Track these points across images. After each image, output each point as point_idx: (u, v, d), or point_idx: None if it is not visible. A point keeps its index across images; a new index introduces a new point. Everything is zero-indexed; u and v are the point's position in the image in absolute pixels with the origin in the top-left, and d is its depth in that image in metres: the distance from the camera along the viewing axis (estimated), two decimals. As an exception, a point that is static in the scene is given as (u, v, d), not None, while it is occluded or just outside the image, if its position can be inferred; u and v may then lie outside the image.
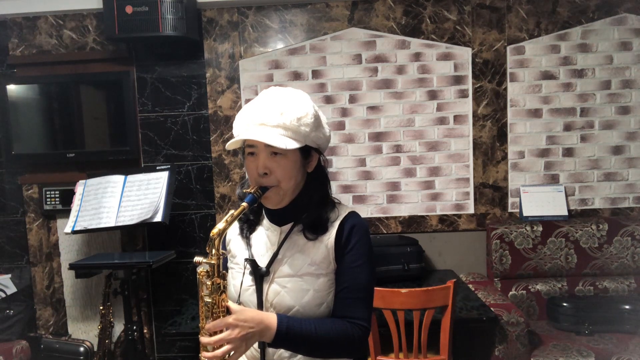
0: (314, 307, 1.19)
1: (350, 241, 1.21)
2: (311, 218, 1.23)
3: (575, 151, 2.97)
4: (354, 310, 1.20)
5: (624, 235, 2.78)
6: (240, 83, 2.98)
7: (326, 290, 1.21)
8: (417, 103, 2.97)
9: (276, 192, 1.19)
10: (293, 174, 1.19)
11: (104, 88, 2.97)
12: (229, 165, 3.01)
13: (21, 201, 3.04)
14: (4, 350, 2.64)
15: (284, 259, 1.23)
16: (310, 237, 1.22)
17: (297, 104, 1.17)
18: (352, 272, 1.21)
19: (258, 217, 1.32)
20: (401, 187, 3.02)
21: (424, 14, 2.92)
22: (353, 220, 1.24)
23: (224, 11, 2.95)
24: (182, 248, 3.00)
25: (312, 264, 1.21)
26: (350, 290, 1.20)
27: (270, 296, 1.21)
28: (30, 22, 2.97)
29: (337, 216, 1.25)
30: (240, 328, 1.07)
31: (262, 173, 1.17)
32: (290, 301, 1.19)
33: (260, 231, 1.30)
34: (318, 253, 1.21)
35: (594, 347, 2.34)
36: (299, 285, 1.20)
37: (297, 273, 1.21)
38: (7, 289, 2.91)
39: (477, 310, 2.29)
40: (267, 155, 1.17)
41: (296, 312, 1.19)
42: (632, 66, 2.92)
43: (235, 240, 1.33)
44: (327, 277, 1.21)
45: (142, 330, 2.63)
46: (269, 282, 1.22)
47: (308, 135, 1.18)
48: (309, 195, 1.24)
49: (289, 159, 1.18)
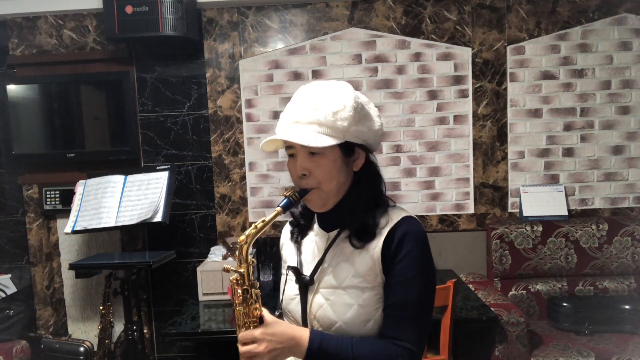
0: (358, 323, 1.08)
1: (400, 251, 1.07)
2: (357, 223, 1.11)
3: (575, 151, 2.97)
4: (401, 331, 1.06)
5: (624, 235, 2.78)
6: (240, 83, 2.98)
7: (373, 305, 1.09)
8: (417, 103, 2.97)
9: (318, 194, 1.10)
10: (334, 175, 1.09)
11: (104, 88, 2.97)
12: (229, 165, 3.01)
13: (21, 201, 3.04)
14: (4, 350, 2.64)
15: (329, 268, 1.13)
16: (357, 244, 1.10)
17: (334, 97, 1.06)
18: (401, 286, 1.07)
19: (309, 221, 1.24)
20: (401, 187, 3.02)
21: (424, 14, 2.92)
22: (406, 226, 1.09)
23: (224, 11, 2.95)
24: (182, 248, 3.00)
25: (357, 276, 1.09)
26: (398, 308, 1.07)
27: (314, 308, 1.12)
28: (30, 22, 2.97)
29: (388, 221, 1.11)
30: (267, 343, 1.01)
31: (301, 175, 1.09)
32: (333, 316, 1.09)
33: (311, 237, 1.22)
34: (363, 263, 1.09)
35: (594, 347, 2.34)
36: (342, 299, 1.09)
37: (340, 285, 1.10)
38: (7, 289, 2.91)
39: (477, 310, 2.29)
40: (305, 155, 1.08)
41: (339, 328, 1.08)
42: (632, 66, 2.92)
43: (287, 246, 1.27)
44: (374, 290, 1.09)
45: (142, 330, 2.63)
46: (314, 292, 1.13)
47: (347, 130, 1.06)
48: (356, 197, 1.13)
49: (329, 159, 1.07)
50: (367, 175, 1.16)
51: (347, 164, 1.12)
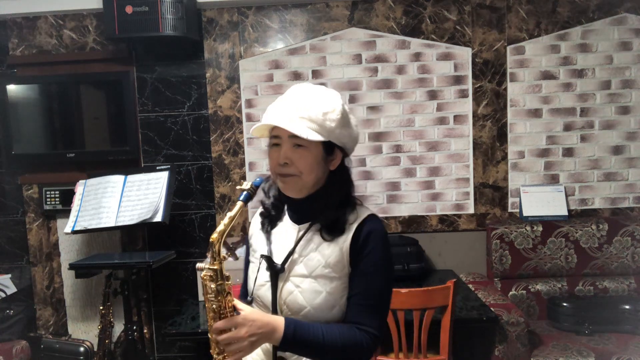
0: (325, 309, 1.19)
1: (366, 246, 1.19)
2: (329, 218, 1.21)
3: (575, 151, 2.97)
4: (365, 317, 1.18)
5: (624, 235, 2.78)
6: (240, 83, 2.98)
7: (339, 293, 1.20)
8: (417, 103, 2.97)
9: (297, 181, 1.20)
10: (314, 168, 1.19)
11: (104, 88, 2.97)
12: (229, 165, 3.01)
13: (21, 201, 3.04)
14: (4, 350, 2.64)
15: (299, 258, 1.22)
16: (327, 237, 1.21)
17: (325, 100, 1.19)
18: (365, 278, 1.19)
19: (280, 212, 1.32)
20: (401, 187, 3.02)
21: (424, 14, 2.92)
22: (371, 224, 1.22)
23: (224, 11, 2.95)
24: (182, 248, 3.00)
25: (327, 267, 1.19)
26: (363, 297, 1.18)
27: (284, 294, 1.21)
28: (30, 22, 2.96)
29: (356, 218, 1.23)
30: (248, 327, 1.08)
31: (283, 163, 1.18)
32: (303, 301, 1.19)
33: (281, 227, 1.30)
34: (333, 255, 1.20)
35: (594, 347, 2.34)
36: (312, 287, 1.19)
37: (311, 274, 1.20)
38: (7, 289, 2.91)
39: (477, 310, 2.29)
40: (289, 146, 1.18)
41: (307, 312, 1.18)
42: (632, 66, 2.92)
43: (257, 235, 1.34)
44: (341, 280, 1.20)
45: (142, 330, 2.63)
46: (284, 280, 1.22)
47: (333, 131, 1.18)
48: (328, 194, 1.23)
49: (311, 152, 1.18)
50: (340, 176, 1.26)
51: (325, 161, 1.22)
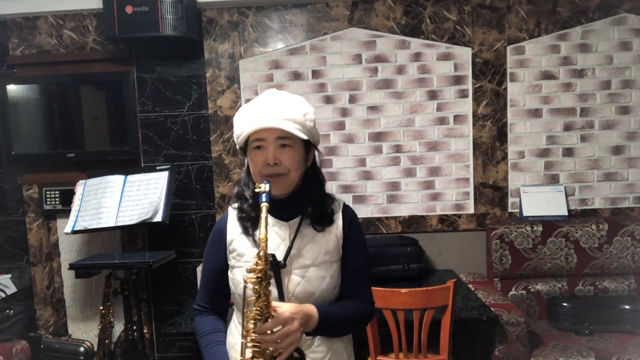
0: (330, 290, 1.31)
1: (351, 230, 1.35)
2: (318, 211, 1.32)
3: (575, 151, 2.97)
4: (362, 289, 1.36)
5: (624, 235, 2.78)
6: (240, 83, 2.98)
7: (337, 275, 1.33)
8: (417, 103, 2.97)
9: (285, 180, 1.27)
10: (300, 165, 1.28)
11: (104, 88, 2.97)
12: (228, 165, 3.01)
13: (21, 201, 3.04)
14: (4, 350, 2.64)
15: (298, 252, 1.30)
16: (319, 228, 1.32)
17: (301, 103, 1.28)
18: (356, 257, 1.35)
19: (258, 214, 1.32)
20: (401, 187, 3.02)
21: (424, 14, 2.92)
22: (349, 211, 1.38)
23: (224, 11, 2.95)
24: (182, 248, 3.00)
25: (326, 253, 1.31)
26: (356, 272, 1.35)
27: (291, 287, 1.28)
28: (30, 22, 2.96)
29: (338, 208, 1.37)
30: (299, 319, 1.15)
31: (273, 163, 1.24)
32: (311, 289, 1.28)
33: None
34: (330, 243, 1.32)
35: (594, 347, 2.34)
36: (317, 274, 1.29)
37: (313, 263, 1.30)
38: (7, 289, 2.91)
39: (477, 310, 2.29)
40: (276, 147, 1.24)
41: (317, 297, 1.28)
42: (632, 66, 2.92)
43: (239, 240, 1.35)
44: (338, 263, 1.34)
45: (142, 330, 2.63)
46: (288, 274, 1.29)
47: (310, 131, 1.27)
48: (309, 189, 1.33)
49: (296, 150, 1.26)
50: (315, 171, 1.37)
51: (304, 159, 1.31)
